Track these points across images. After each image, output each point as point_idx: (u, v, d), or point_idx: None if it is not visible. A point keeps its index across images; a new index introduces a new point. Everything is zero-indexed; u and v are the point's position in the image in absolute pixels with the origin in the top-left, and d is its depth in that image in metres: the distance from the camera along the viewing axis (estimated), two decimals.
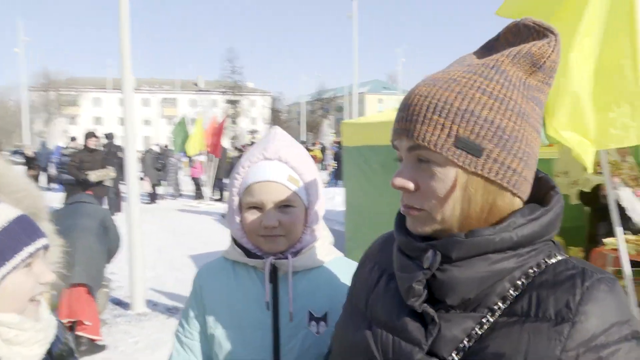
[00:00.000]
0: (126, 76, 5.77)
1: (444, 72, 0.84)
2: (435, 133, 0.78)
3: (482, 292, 0.81)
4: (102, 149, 9.97)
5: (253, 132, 62.11)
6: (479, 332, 0.80)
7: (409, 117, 0.82)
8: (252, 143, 14.06)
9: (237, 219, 1.38)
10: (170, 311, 5.80)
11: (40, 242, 1.08)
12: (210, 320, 1.38)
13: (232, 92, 66.38)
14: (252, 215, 1.33)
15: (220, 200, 14.65)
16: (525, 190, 0.84)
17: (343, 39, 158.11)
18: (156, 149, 18.35)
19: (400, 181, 0.84)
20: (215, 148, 14.59)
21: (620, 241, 2.97)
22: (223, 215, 12.59)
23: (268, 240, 1.34)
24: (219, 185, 15.71)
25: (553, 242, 0.87)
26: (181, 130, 16.02)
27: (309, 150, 20.12)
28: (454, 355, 0.80)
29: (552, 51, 0.82)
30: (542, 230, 0.81)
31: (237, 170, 1.37)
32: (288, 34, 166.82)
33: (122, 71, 5.80)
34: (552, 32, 0.82)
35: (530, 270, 0.82)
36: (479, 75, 0.80)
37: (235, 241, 1.41)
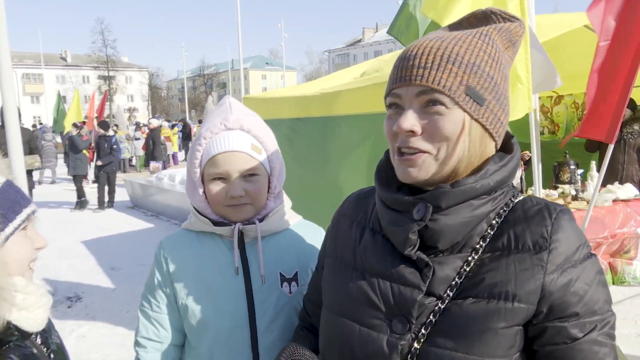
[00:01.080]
0: (2, 49, 5.21)
1: (444, 34, 0.93)
2: (449, 79, 0.87)
3: (466, 234, 0.92)
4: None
5: (131, 109, 58.74)
6: (467, 269, 0.90)
7: (421, 65, 0.88)
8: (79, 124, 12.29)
9: (200, 190, 1.38)
10: (70, 300, 5.46)
11: (31, 207, 1.05)
12: (181, 291, 1.38)
13: (105, 67, 61.91)
14: (217, 186, 1.34)
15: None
16: (501, 142, 0.96)
17: (224, 13, 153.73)
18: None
19: (409, 124, 0.88)
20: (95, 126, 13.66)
21: None
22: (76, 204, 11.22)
23: (235, 210, 1.36)
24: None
25: (511, 184, 0.98)
26: (57, 107, 14.79)
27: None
28: (448, 292, 0.90)
29: (522, 32, 0.95)
30: (509, 175, 0.94)
31: (199, 142, 1.36)
32: (164, 6, 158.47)
33: None
34: (517, 19, 0.95)
35: (502, 211, 0.93)
36: (478, 38, 0.91)
37: (197, 212, 1.41)
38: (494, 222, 0.93)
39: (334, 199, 4.84)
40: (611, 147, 3.28)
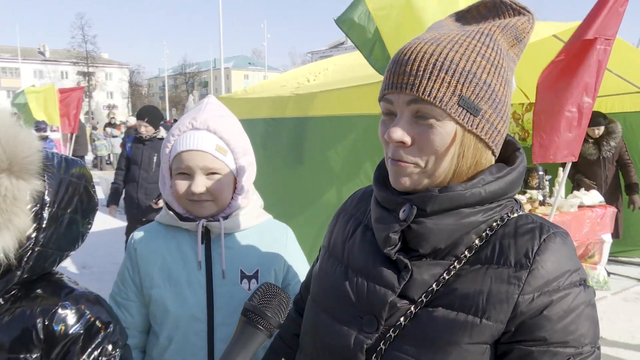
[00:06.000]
0: None
1: (439, 33, 0.87)
2: (441, 90, 0.82)
3: (451, 242, 0.88)
4: None
5: (111, 106, 58.01)
6: (446, 278, 0.87)
7: (413, 72, 0.83)
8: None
9: (168, 184, 1.45)
10: None
11: None
12: (147, 281, 1.44)
13: (84, 63, 61.06)
14: (181, 181, 1.40)
15: None
16: (499, 150, 0.92)
17: (207, 11, 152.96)
18: None
19: (398, 135, 0.85)
20: (71, 124, 13.36)
21: None
22: None
23: (196, 205, 1.41)
24: None
25: (515, 199, 0.94)
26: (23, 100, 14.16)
27: None
28: (423, 297, 0.87)
29: (531, 28, 0.89)
30: (507, 187, 0.89)
31: (168, 139, 1.43)
32: (146, 3, 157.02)
33: None
34: (528, 11, 0.89)
35: (495, 224, 0.89)
36: (477, 40, 0.85)
37: (168, 206, 1.48)
38: (484, 234, 0.88)
39: (306, 199, 4.89)
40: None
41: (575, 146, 3.35)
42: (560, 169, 5.18)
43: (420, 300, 0.87)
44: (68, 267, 6.51)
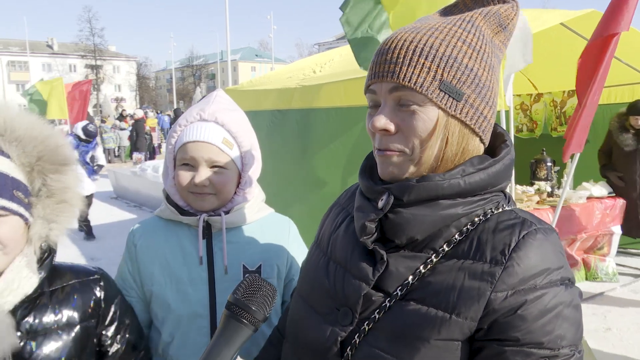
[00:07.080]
0: None
1: (422, 23, 0.87)
2: (421, 75, 0.81)
3: (430, 235, 0.86)
4: None
5: (118, 99, 58.19)
6: (423, 271, 0.85)
7: (393, 59, 0.83)
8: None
9: (171, 175, 1.43)
10: None
11: None
12: (147, 276, 1.42)
13: (92, 56, 61.23)
14: (184, 172, 1.38)
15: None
16: (489, 138, 0.90)
17: (213, 4, 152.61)
18: None
19: (382, 123, 0.84)
20: (79, 116, 13.41)
21: None
22: None
23: (198, 198, 1.39)
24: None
25: (504, 194, 0.92)
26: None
27: None
28: (398, 290, 0.85)
29: (515, 15, 0.88)
30: (490, 180, 0.86)
31: (174, 129, 1.42)
32: None
33: None
34: None
35: (477, 218, 0.86)
36: (458, 27, 0.84)
37: (168, 200, 1.45)
38: (464, 228, 0.86)
39: (310, 191, 4.87)
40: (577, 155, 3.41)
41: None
42: (569, 160, 5.12)
43: (395, 293, 0.86)
44: (77, 258, 6.55)
